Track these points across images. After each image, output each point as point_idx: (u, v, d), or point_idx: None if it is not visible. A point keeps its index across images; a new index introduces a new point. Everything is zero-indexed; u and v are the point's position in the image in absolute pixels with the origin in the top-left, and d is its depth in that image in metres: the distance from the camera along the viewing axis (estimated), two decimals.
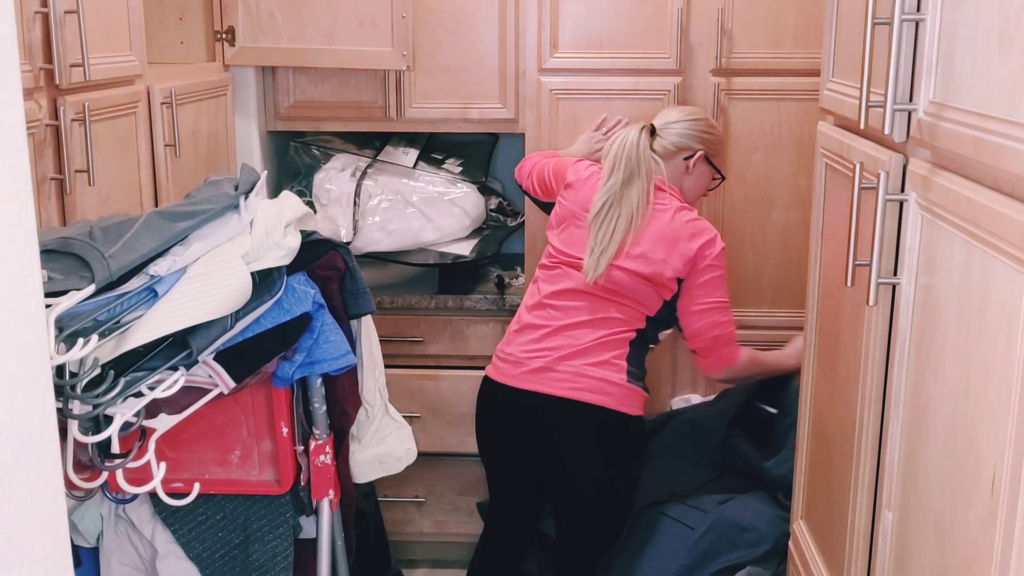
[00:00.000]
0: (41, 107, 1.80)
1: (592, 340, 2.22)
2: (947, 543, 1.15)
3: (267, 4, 2.75)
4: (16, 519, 0.70)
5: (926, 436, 1.23)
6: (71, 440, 1.43)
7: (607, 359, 2.21)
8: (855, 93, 1.42)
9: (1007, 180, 1.01)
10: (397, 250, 2.93)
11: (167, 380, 1.53)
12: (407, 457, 2.04)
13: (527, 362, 2.25)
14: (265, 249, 1.62)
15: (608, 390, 2.20)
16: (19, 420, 0.70)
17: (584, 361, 2.21)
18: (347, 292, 1.86)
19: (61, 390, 1.35)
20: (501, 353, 2.33)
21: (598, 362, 2.21)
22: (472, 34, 2.89)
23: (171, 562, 1.90)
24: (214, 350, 1.60)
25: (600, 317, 2.23)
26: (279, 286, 1.65)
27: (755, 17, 2.76)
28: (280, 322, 1.67)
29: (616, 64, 2.83)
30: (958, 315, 1.12)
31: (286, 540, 1.90)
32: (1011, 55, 0.99)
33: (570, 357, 2.21)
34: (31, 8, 1.77)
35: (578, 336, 2.23)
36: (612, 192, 2.25)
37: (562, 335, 2.24)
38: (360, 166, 3.04)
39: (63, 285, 1.41)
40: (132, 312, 1.47)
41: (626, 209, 2.22)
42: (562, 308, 2.26)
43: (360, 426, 1.97)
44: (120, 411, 1.47)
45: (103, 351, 1.41)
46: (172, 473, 1.81)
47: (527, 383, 2.24)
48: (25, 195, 0.70)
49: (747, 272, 2.90)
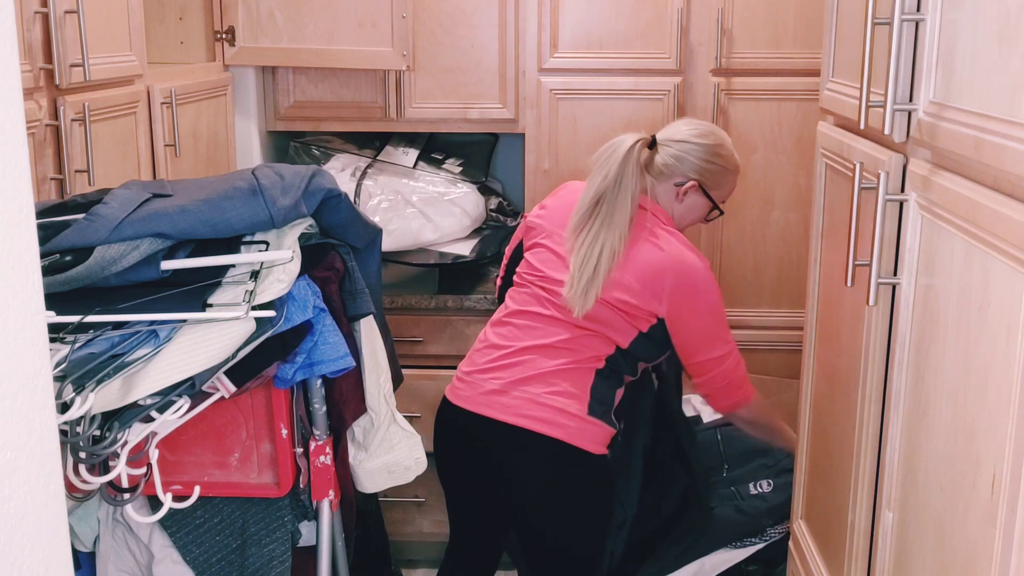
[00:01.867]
0: (41, 107, 1.80)
1: (554, 366, 2.00)
2: (947, 543, 1.15)
3: (267, 4, 2.75)
4: (16, 519, 0.70)
5: (926, 436, 1.23)
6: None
7: (567, 388, 1.99)
8: (855, 93, 1.42)
9: (1007, 180, 1.01)
10: (397, 250, 2.93)
11: (173, 406, 1.54)
12: (416, 467, 1.99)
13: (482, 383, 2.04)
14: (267, 284, 1.62)
15: (563, 422, 1.97)
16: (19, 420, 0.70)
17: (543, 388, 1.99)
18: (346, 293, 1.85)
19: (65, 434, 1.38)
20: (460, 373, 2.11)
21: (557, 391, 1.99)
22: (472, 34, 2.89)
23: (168, 566, 1.89)
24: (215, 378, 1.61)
25: (565, 341, 2.01)
26: (280, 315, 1.64)
27: (755, 17, 2.76)
28: (282, 330, 1.67)
29: (616, 64, 2.83)
30: (958, 315, 1.12)
31: (283, 544, 1.89)
32: (1011, 55, 0.99)
33: (527, 382, 2.00)
34: (31, 8, 1.77)
35: (539, 361, 2.01)
36: (592, 204, 2.02)
37: (522, 357, 2.02)
38: (360, 166, 3.04)
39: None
40: (134, 351, 1.48)
41: (611, 236, 1.99)
42: (525, 329, 2.05)
43: (366, 434, 1.96)
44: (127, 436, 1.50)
45: (109, 398, 1.42)
46: (171, 476, 1.81)
47: (480, 407, 2.03)
48: (25, 195, 0.70)
49: (747, 272, 2.90)
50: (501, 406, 2.00)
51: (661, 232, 2.04)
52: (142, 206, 1.60)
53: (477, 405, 2.03)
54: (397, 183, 3.00)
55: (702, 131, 2.12)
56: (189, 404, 1.57)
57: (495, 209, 3.12)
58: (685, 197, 2.09)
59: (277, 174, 1.73)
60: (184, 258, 1.61)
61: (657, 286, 1.99)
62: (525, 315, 2.07)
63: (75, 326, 1.46)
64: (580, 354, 2.02)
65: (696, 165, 2.08)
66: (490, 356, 2.06)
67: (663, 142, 2.09)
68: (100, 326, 1.48)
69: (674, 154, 2.07)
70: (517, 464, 2.03)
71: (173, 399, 1.54)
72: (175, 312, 1.52)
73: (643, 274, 1.99)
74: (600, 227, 2.01)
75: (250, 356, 1.63)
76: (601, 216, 2.01)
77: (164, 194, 1.68)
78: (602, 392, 2.03)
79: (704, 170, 2.08)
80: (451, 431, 2.12)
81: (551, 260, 2.08)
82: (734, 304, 2.95)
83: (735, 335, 2.11)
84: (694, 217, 2.14)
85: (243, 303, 1.55)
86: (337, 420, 1.89)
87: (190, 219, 1.59)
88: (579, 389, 2.00)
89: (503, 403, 2.00)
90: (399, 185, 2.99)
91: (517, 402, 2.00)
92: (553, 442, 1.98)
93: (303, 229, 1.78)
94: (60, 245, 1.54)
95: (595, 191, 2.03)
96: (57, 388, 1.35)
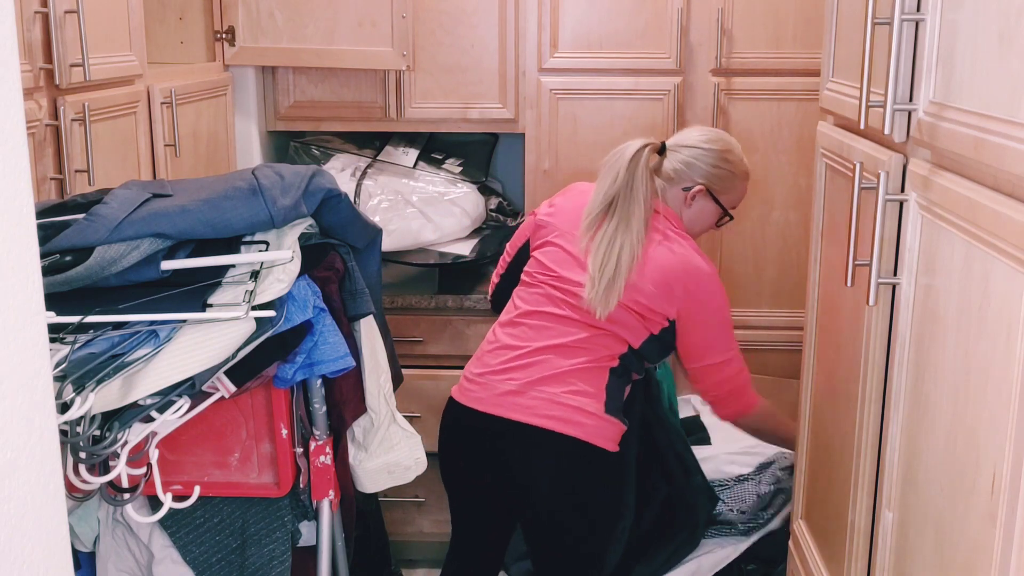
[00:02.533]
0: (41, 107, 1.80)
1: (570, 366, 2.00)
2: (947, 543, 1.15)
3: (267, 4, 2.75)
4: (16, 519, 0.70)
5: (926, 436, 1.23)
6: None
7: (584, 387, 2.00)
8: (855, 93, 1.42)
9: (1007, 180, 1.01)
10: (397, 250, 2.93)
11: (173, 406, 1.54)
12: (416, 467, 1.99)
13: (497, 385, 2.03)
14: (267, 284, 1.62)
15: (581, 420, 1.98)
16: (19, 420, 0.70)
17: (560, 388, 1.99)
18: (346, 293, 1.85)
19: (65, 434, 1.38)
20: (469, 374, 2.10)
21: (575, 390, 1.99)
22: (472, 34, 2.89)
23: (168, 566, 1.89)
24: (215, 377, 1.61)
25: (581, 340, 2.01)
26: (280, 315, 1.64)
27: (755, 17, 2.76)
28: (282, 330, 1.67)
29: (616, 64, 2.83)
30: (958, 315, 1.12)
31: (283, 544, 1.89)
32: (1011, 55, 0.99)
33: (544, 382, 2.00)
34: (31, 8, 1.77)
35: (555, 360, 2.01)
36: (605, 206, 2.03)
37: (538, 358, 2.02)
38: (360, 166, 3.04)
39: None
40: (134, 352, 1.48)
41: (628, 238, 2.00)
42: (539, 329, 2.04)
43: (366, 434, 1.96)
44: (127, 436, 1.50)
45: (109, 398, 1.42)
46: (171, 476, 1.81)
47: (495, 408, 2.02)
48: (25, 195, 0.70)
49: (747, 272, 2.90)
50: (519, 407, 2.00)
51: (673, 236, 2.06)
52: (142, 206, 1.60)
53: (491, 406, 2.03)
54: (397, 183, 3.00)
55: (711, 137, 2.14)
56: (189, 404, 1.57)
57: (495, 209, 3.12)
58: (693, 202, 2.11)
59: (277, 174, 1.73)
60: (184, 258, 1.61)
61: (670, 290, 2.01)
62: (538, 315, 2.06)
63: (75, 326, 1.46)
64: (596, 353, 2.02)
65: (704, 171, 2.10)
66: (504, 357, 2.05)
67: (672, 147, 2.12)
68: (100, 326, 1.48)
69: (683, 159, 2.10)
70: (532, 463, 2.03)
71: (173, 399, 1.54)
72: (175, 312, 1.52)
73: (656, 277, 2.01)
74: (616, 229, 2.02)
75: (250, 356, 1.63)
76: (616, 218, 2.02)
77: (164, 194, 1.68)
78: (616, 391, 2.04)
79: (712, 175, 2.10)
80: (460, 431, 2.11)
81: (565, 260, 2.08)
82: (734, 304, 2.93)
83: (735, 335, 2.11)
84: (705, 222, 2.15)
85: (243, 303, 1.55)
86: (337, 420, 1.89)
87: (190, 219, 1.59)
88: (595, 388, 2.01)
89: (521, 404, 2.00)
90: (399, 185, 2.99)
91: (535, 402, 1.99)
92: (572, 441, 1.98)
93: (303, 229, 1.78)
94: (60, 245, 1.54)
95: (605, 193, 2.04)
96: (57, 388, 1.35)
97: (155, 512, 1.72)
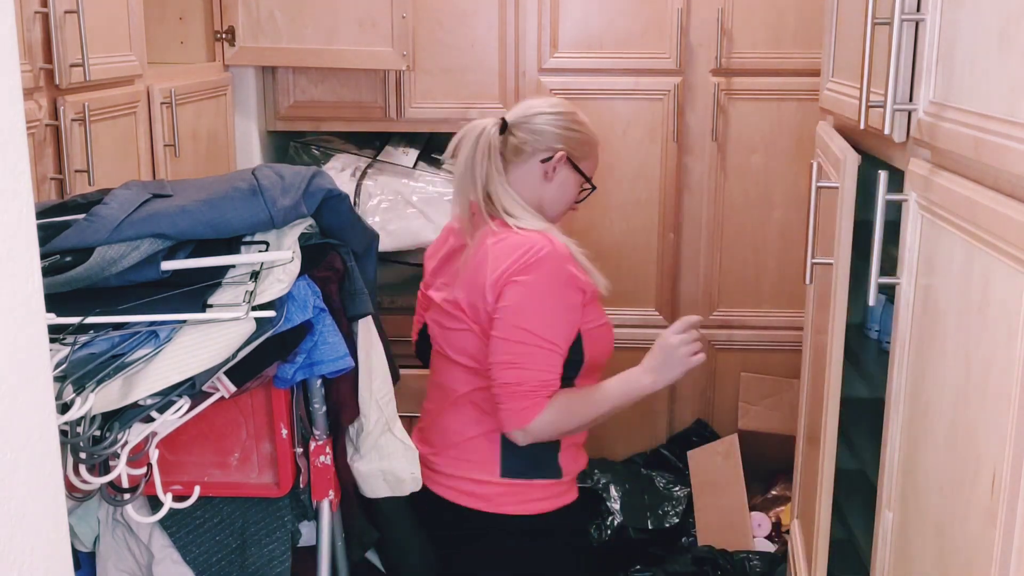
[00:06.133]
0: (41, 107, 1.80)
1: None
2: (947, 543, 1.15)
3: (267, 4, 2.75)
4: (16, 519, 0.70)
5: (926, 436, 1.23)
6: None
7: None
8: (855, 93, 1.42)
9: (1007, 180, 1.01)
10: (397, 250, 2.93)
11: (173, 406, 1.54)
12: (412, 483, 1.98)
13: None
14: (267, 284, 1.62)
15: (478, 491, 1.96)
16: (19, 420, 0.70)
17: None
18: (346, 293, 1.85)
19: (65, 434, 1.38)
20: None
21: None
22: (472, 34, 2.89)
23: (168, 566, 1.89)
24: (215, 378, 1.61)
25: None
26: (280, 315, 1.64)
27: (755, 17, 2.76)
28: (282, 330, 1.67)
29: (616, 64, 2.83)
30: (958, 315, 1.12)
31: (283, 544, 1.89)
32: (1011, 55, 0.99)
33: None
34: (31, 8, 1.77)
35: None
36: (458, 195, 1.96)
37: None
38: (360, 166, 3.04)
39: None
40: (135, 352, 1.48)
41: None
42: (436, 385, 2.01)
43: (358, 435, 1.96)
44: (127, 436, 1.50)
45: (109, 399, 1.42)
46: (171, 476, 1.81)
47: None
48: (25, 195, 0.70)
49: (747, 272, 2.90)
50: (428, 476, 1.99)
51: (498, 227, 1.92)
52: (142, 206, 1.60)
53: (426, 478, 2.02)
54: (397, 183, 3.00)
55: (554, 102, 1.96)
56: (189, 404, 1.57)
57: None
58: (555, 173, 1.91)
59: (277, 174, 1.73)
60: (184, 258, 1.61)
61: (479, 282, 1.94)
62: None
63: (75, 327, 1.46)
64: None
65: (558, 135, 1.89)
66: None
67: (516, 121, 1.92)
68: (100, 327, 1.48)
69: (531, 128, 1.90)
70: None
71: (173, 399, 1.54)
72: (175, 313, 1.52)
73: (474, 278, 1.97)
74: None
75: (250, 356, 1.63)
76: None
77: (164, 194, 1.68)
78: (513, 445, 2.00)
79: (568, 138, 1.90)
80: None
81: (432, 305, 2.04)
82: (734, 304, 2.95)
83: (735, 335, 2.11)
84: (566, 197, 1.94)
85: (243, 303, 1.55)
86: (334, 422, 1.89)
87: (190, 219, 1.59)
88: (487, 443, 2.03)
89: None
90: (399, 185, 2.99)
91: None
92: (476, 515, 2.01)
93: (303, 229, 1.78)
94: (60, 246, 1.54)
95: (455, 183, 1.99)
96: (57, 388, 1.35)
97: (155, 512, 1.72)
